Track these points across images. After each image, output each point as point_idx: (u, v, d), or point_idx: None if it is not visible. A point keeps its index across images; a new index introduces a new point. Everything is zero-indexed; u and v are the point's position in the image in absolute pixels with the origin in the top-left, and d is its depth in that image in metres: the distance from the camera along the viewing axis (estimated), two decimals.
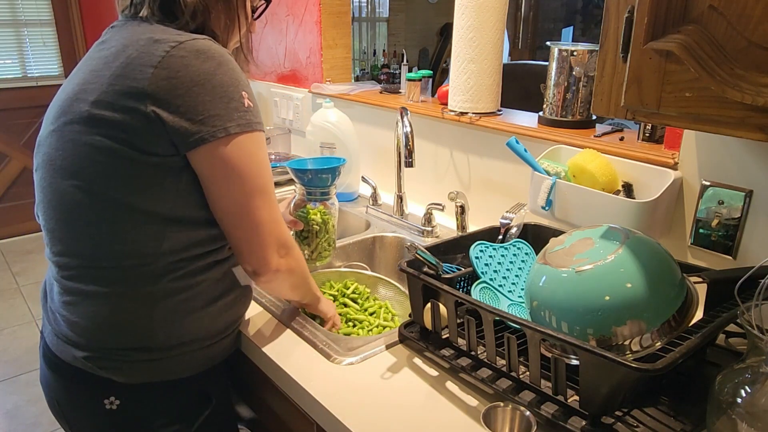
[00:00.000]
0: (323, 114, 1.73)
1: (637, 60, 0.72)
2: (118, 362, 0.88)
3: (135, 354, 0.89)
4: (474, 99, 1.46)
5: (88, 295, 0.87)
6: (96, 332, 0.88)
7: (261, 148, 0.87)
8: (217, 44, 0.85)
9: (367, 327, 1.20)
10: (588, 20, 5.03)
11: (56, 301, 0.92)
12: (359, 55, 5.57)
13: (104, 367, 0.88)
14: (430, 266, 1.01)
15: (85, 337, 0.88)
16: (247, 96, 0.85)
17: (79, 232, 0.86)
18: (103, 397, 0.90)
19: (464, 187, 1.56)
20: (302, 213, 1.28)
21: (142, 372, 0.90)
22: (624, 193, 1.12)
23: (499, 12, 1.40)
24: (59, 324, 0.91)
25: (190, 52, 0.81)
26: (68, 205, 0.86)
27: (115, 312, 0.87)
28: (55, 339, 0.92)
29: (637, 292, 0.77)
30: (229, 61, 0.84)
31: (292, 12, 2.11)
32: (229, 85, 0.82)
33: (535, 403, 0.83)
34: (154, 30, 0.85)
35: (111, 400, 0.90)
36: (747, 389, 0.69)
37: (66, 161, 0.85)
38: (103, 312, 0.87)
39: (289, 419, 1.02)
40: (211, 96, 0.81)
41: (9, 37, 3.85)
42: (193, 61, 0.81)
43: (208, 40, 0.84)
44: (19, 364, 2.66)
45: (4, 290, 3.31)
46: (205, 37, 0.85)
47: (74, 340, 0.89)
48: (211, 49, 0.83)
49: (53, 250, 0.90)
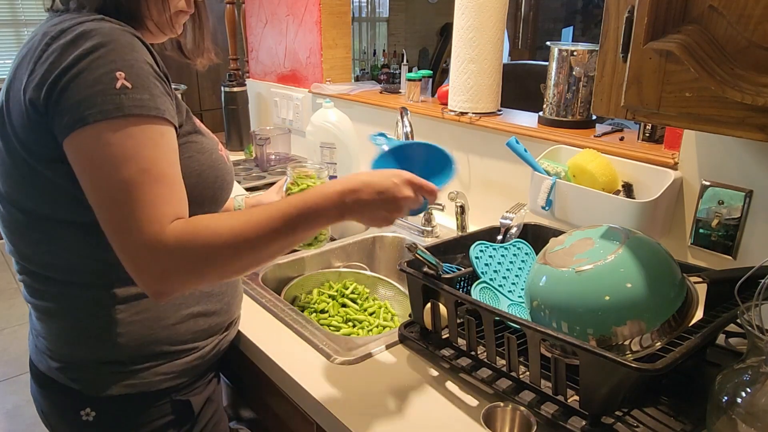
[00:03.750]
0: (323, 114, 1.73)
1: (637, 60, 0.72)
2: (90, 374, 0.86)
3: (105, 367, 0.86)
4: (474, 99, 1.46)
5: (49, 311, 0.86)
6: (64, 346, 0.87)
7: (130, 136, 0.70)
8: (107, 23, 0.73)
9: (367, 327, 1.20)
10: (588, 20, 5.04)
11: (31, 312, 0.91)
12: (359, 55, 5.58)
13: (75, 379, 0.86)
14: (430, 266, 1.00)
15: (55, 350, 0.87)
16: (125, 76, 0.70)
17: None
18: (79, 408, 0.87)
19: (464, 187, 1.56)
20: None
21: (114, 384, 0.86)
22: (624, 193, 1.12)
23: (499, 12, 1.40)
24: (36, 333, 0.91)
25: (68, 41, 0.71)
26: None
27: (77, 327, 0.85)
28: (35, 348, 0.91)
29: (637, 292, 0.77)
30: (110, 40, 0.71)
31: (292, 12, 2.11)
32: (101, 66, 0.70)
33: (535, 403, 0.83)
34: (52, 22, 0.76)
35: (87, 411, 0.87)
36: (747, 389, 0.69)
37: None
38: (66, 327, 0.86)
39: (289, 419, 1.02)
40: (77, 83, 0.69)
41: (9, 37, 3.86)
42: (68, 49, 0.71)
43: (95, 21, 0.73)
44: (19, 364, 2.66)
45: (4, 290, 3.31)
46: (95, 18, 0.74)
47: (47, 350, 0.88)
48: (92, 32, 0.71)
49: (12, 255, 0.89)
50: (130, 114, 0.70)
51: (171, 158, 0.74)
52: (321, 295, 1.29)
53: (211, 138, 0.92)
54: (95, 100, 0.69)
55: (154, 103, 0.72)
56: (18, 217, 0.83)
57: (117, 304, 0.85)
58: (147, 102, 0.71)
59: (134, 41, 0.74)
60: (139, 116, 0.70)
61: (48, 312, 0.87)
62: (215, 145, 0.92)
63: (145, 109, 0.71)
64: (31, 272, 0.87)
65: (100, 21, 0.73)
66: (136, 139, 0.70)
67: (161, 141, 0.73)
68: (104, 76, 0.69)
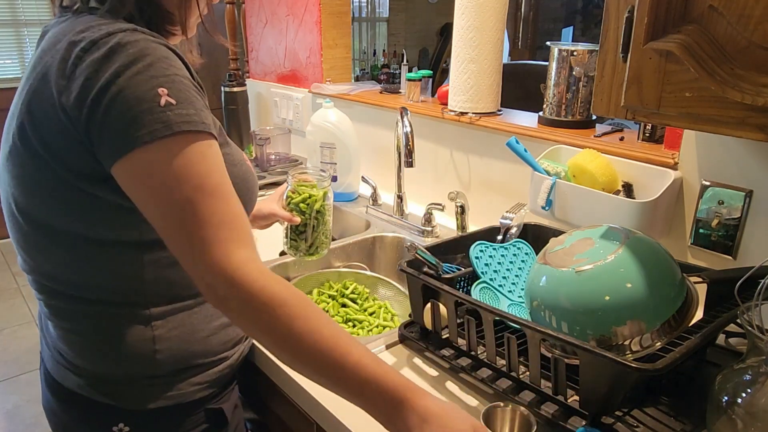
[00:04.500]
0: (323, 114, 1.73)
1: (637, 60, 0.72)
2: (125, 389, 0.84)
3: (142, 381, 0.84)
4: (474, 99, 1.46)
5: (78, 331, 0.84)
6: (95, 363, 0.84)
7: (188, 151, 0.69)
8: (140, 34, 0.71)
9: (367, 327, 1.20)
10: (588, 20, 5.04)
11: (50, 329, 0.88)
12: (359, 55, 5.58)
13: (106, 393, 0.84)
14: (430, 266, 1.00)
15: (85, 366, 0.84)
16: (168, 92, 0.69)
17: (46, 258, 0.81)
18: (111, 424, 0.85)
19: (464, 187, 1.56)
20: (295, 204, 1.19)
21: (147, 398, 0.85)
22: (624, 193, 1.12)
23: (499, 12, 1.40)
24: (57, 350, 0.87)
25: (103, 55, 0.68)
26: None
27: (111, 345, 0.83)
28: (55, 365, 0.88)
29: (637, 292, 0.77)
30: (146, 54, 0.69)
31: (292, 12, 2.11)
32: (141, 83, 0.68)
33: (535, 403, 0.83)
34: (77, 26, 0.73)
35: (120, 427, 0.85)
36: (747, 389, 0.69)
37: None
38: (98, 345, 0.83)
39: (290, 419, 1.02)
40: (119, 102, 0.67)
41: (9, 37, 3.86)
42: (105, 64, 0.68)
43: (128, 33, 0.70)
44: (19, 364, 2.66)
45: (4, 290, 3.31)
46: (127, 28, 0.71)
47: (73, 367, 0.85)
48: (126, 45, 0.69)
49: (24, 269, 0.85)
50: (179, 131, 0.68)
51: (223, 169, 0.73)
52: (321, 295, 1.29)
53: (236, 149, 0.90)
54: (143, 120, 0.67)
55: (199, 117, 0.71)
56: (42, 235, 0.79)
57: (153, 321, 0.83)
58: (193, 117, 0.70)
59: (169, 54, 0.72)
60: (188, 132, 0.69)
61: (77, 332, 0.84)
62: (242, 156, 0.91)
63: (192, 124, 0.69)
64: (54, 291, 0.83)
65: (133, 32, 0.71)
66: (188, 156, 0.69)
67: (210, 153, 0.72)
68: (147, 93, 0.68)
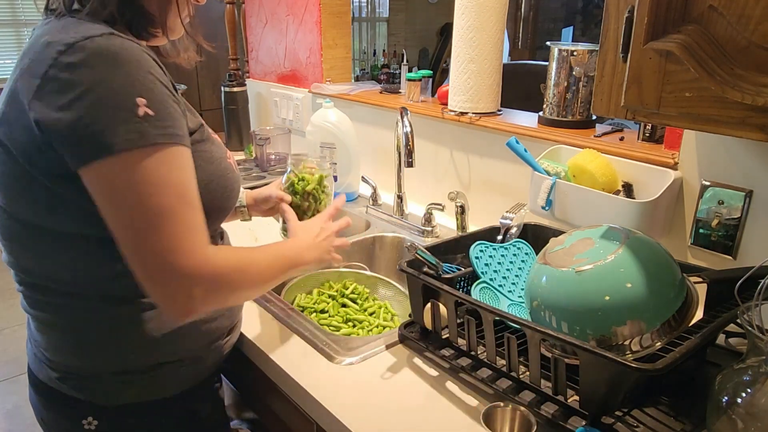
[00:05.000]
0: (323, 114, 1.73)
1: (637, 60, 0.72)
2: (95, 384, 0.85)
3: (112, 377, 0.85)
4: (474, 99, 1.46)
5: (52, 323, 0.85)
6: (67, 357, 0.85)
7: (161, 164, 0.70)
8: (117, 39, 0.71)
9: (367, 327, 1.20)
10: (588, 20, 5.04)
11: (30, 322, 0.90)
12: (359, 55, 5.58)
13: (78, 388, 0.85)
14: (430, 266, 1.00)
15: (57, 360, 0.86)
16: (146, 102, 0.69)
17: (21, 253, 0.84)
18: (80, 418, 0.86)
19: (464, 187, 1.56)
20: (290, 184, 1.17)
21: (120, 394, 0.86)
22: (624, 193, 1.12)
23: (499, 12, 1.40)
24: (35, 343, 0.89)
25: (79, 60, 0.68)
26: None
27: (82, 338, 0.84)
28: (34, 357, 0.90)
29: (637, 292, 0.77)
30: (123, 60, 0.69)
31: (292, 12, 2.11)
32: (119, 92, 0.68)
33: (535, 403, 0.83)
34: (56, 28, 0.73)
35: (89, 421, 0.86)
36: (747, 389, 0.69)
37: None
38: (70, 338, 0.84)
39: (289, 419, 1.02)
40: (96, 108, 0.68)
41: (9, 37, 3.86)
42: (79, 69, 0.68)
43: (104, 37, 0.70)
44: (19, 364, 2.66)
45: (4, 290, 3.31)
46: (104, 32, 0.71)
47: (47, 361, 0.87)
48: (103, 51, 0.69)
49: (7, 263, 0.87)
50: (156, 143, 0.70)
51: (194, 181, 0.75)
52: (321, 295, 1.29)
53: (219, 146, 0.90)
54: (118, 129, 0.68)
55: (175, 129, 0.73)
56: (18, 229, 0.81)
57: (124, 315, 0.84)
58: (170, 129, 0.72)
59: (144, 57, 0.72)
60: (163, 144, 0.71)
61: (50, 323, 0.85)
62: (224, 153, 0.90)
63: (167, 137, 0.71)
64: (31, 284, 0.85)
65: (110, 36, 0.71)
66: (166, 166, 0.71)
67: (185, 164, 0.74)
68: (125, 102, 0.68)
